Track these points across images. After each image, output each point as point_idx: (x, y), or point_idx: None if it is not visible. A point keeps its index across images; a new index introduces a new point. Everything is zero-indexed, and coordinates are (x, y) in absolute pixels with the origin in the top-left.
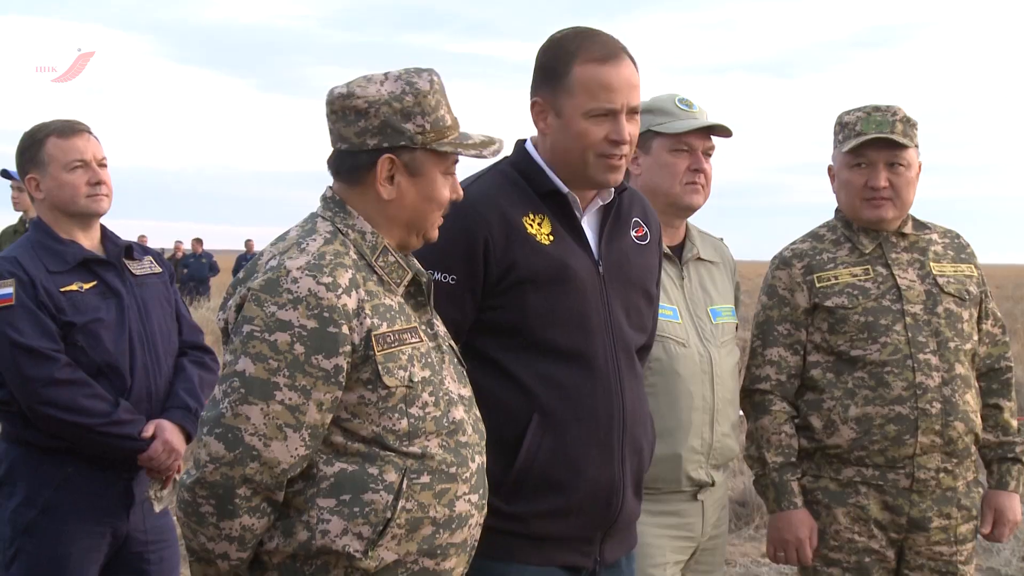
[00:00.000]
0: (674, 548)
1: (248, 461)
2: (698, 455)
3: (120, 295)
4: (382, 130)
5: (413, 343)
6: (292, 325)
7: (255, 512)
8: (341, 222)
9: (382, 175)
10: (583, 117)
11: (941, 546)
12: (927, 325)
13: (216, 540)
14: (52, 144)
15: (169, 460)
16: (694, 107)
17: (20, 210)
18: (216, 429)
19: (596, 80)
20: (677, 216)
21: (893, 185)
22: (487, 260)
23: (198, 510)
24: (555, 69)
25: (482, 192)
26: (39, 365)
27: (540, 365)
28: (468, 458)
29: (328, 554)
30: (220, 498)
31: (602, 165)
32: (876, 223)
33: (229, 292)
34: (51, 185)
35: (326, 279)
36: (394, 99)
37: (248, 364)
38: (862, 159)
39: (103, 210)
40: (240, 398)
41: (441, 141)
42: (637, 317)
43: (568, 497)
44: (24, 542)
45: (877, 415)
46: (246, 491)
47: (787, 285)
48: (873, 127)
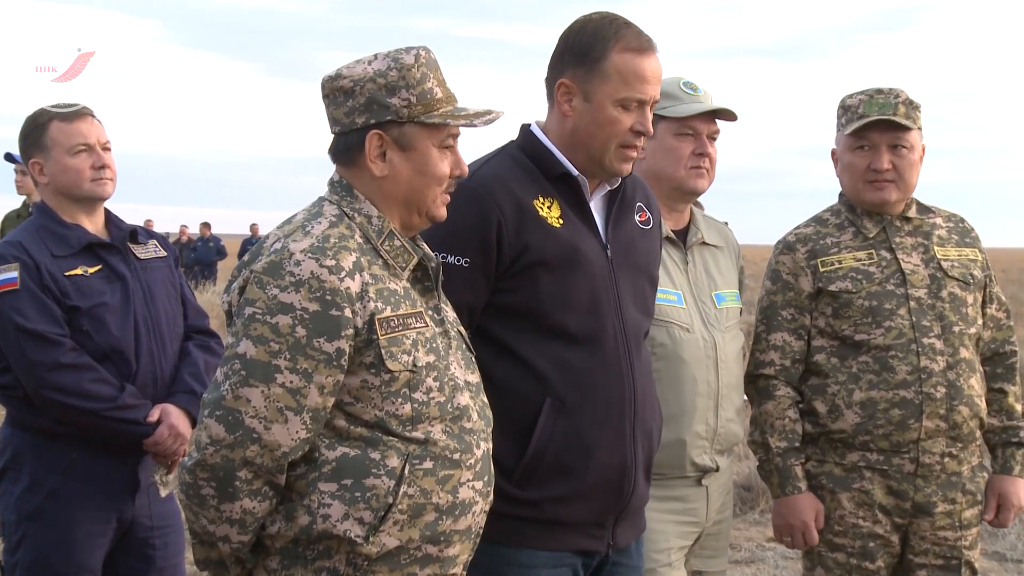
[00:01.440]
0: (679, 533)
1: (248, 444)
2: (703, 440)
3: (125, 279)
4: (368, 107)
5: (418, 328)
6: (294, 308)
7: (256, 495)
8: (348, 206)
9: (372, 152)
10: (613, 104)
11: (946, 531)
12: (931, 309)
13: (217, 523)
14: (55, 128)
15: (175, 445)
16: (699, 91)
17: (24, 194)
18: (216, 411)
19: (633, 69)
20: (681, 200)
21: (896, 167)
22: (500, 242)
23: (199, 492)
24: (590, 53)
25: (493, 175)
26: (44, 350)
27: (552, 349)
28: (473, 444)
29: (329, 539)
30: (221, 480)
31: (620, 155)
32: (879, 206)
33: (234, 275)
34: (55, 169)
35: (329, 262)
36: (379, 75)
37: (249, 346)
38: (865, 141)
39: (107, 194)
40: (241, 380)
41: (431, 114)
42: (643, 301)
43: (581, 481)
44: (30, 527)
45: (881, 399)
46: (247, 474)
47: (791, 270)
48: (875, 109)
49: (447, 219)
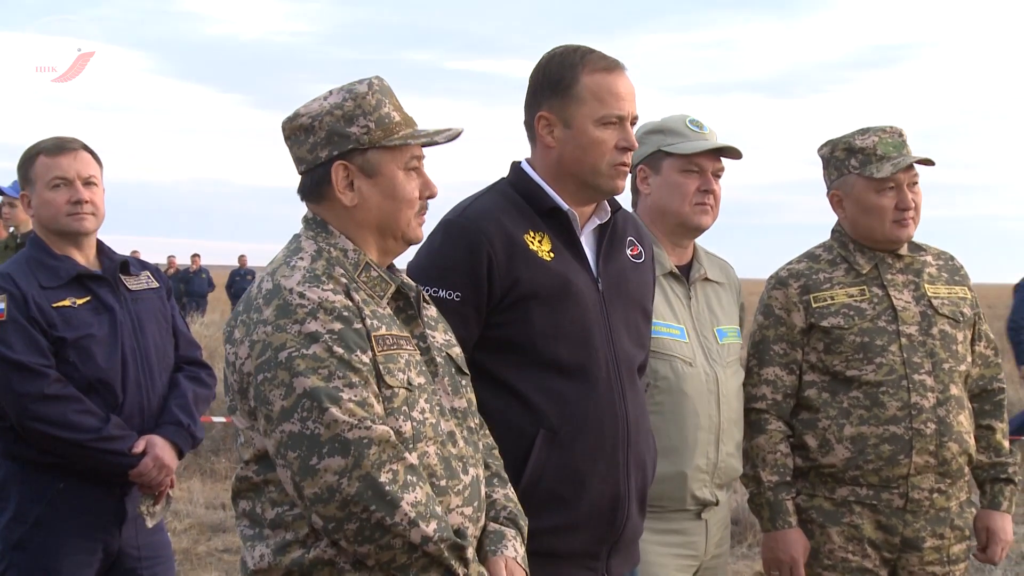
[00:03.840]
0: (678, 567)
1: (366, 450)
2: (703, 474)
3: (113, 310)
4: (329, 139)
5: (408, 350)
6: (321, 334)
7: (408, 486)
8: (324, 241)
9: (339, 183)
10: (594, 125)
11: (934, 566)
12: (922, 346)
13: (411, 533)
14: (40, 162)
15: (160, 476)
16: (705, 128)
17: (12, 225)
18: (323, 450)
19: (605, 87)
20: (685, 236)
21: (915, 204)
22: (491, 277)
23: (371, 528)
24: (561, 80)
25: (483, 210)
26: (29, 381)
27: (545, 381)
28: (459, 470)
29: (322, 568)
30: (375, 499)
31: (613, 172)
32: (903, 242)
33: (231, 324)
34: (37, 203)
35: (328, 286)
36: (335, 108)
37: (305, 381)
38: (891, 182)
39: (86, 229)
40: (319, 410)
41: (391, 137)
42: (636, 334)
43: (574, 512)
44: (15, 557)
45: (872, 435)
46: (388, 474)
47: (783, 305)
48: (893, 149)
49: (438, 254)
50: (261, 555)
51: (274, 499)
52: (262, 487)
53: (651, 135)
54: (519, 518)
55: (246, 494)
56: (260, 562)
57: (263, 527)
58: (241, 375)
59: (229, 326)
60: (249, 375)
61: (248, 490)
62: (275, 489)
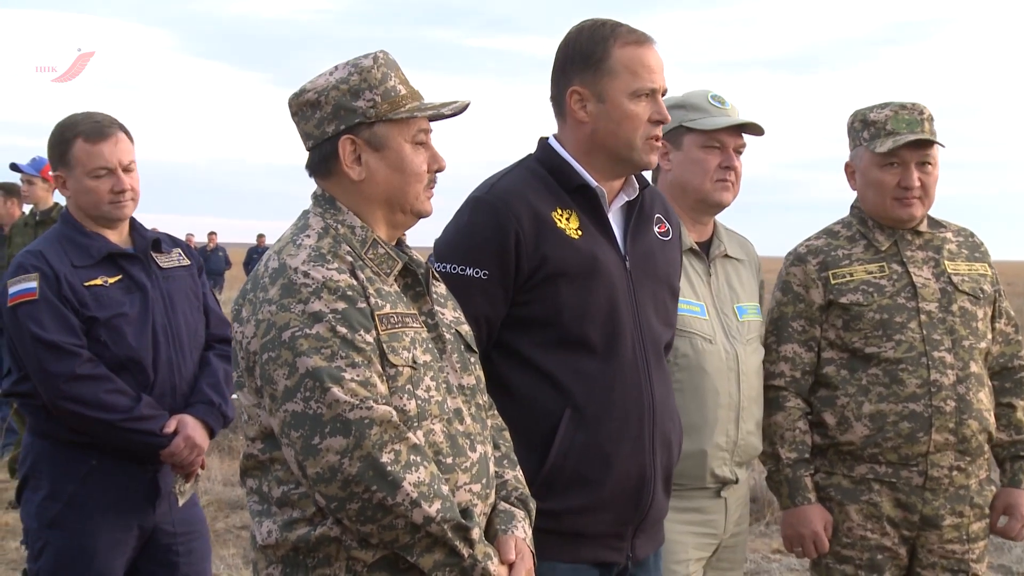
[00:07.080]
0: (697, 545)
1: (367, 431)
2: (723, 452)
3: (145, 289)
4: (336, 114)
5: (415, 327)
6: (325, 313)
7: (411, 466)
8: (331, 218)
9: (347, 157)
10: (628, 98)
11: (953, 544)
12: (942, 323)
13: (413, 513)
14: (79, 148)
15: (191, 455)
16: (727, 104)
17: (30, 202)
18: (325, 429)
19: (637, 60)
20: (706, 213)
21: (923, 184)
22: (519, 254)
23: (372, 508)
24: (593, 54)
25: (511, 187)
26: (61, 360)
27: (571, 360)
28: (467, 447)
29: (328, 545)
30: (377, 479)
31: (648, 146)
32: (905, 222)
33: (239, 303)
34: (76, 188)
35: (332, 265)
36: (341, 82)
37: (307, 360)
38: (895, 159)
39: (125, 216)
40: (321, 390)
41: (397, 110)
42: (663, 312)
43: (600, 492)
44: (50, 535)
45: (891, 412)
46: (389, 454)
47: (802, 281)
48: (904, 126)
49: (466, 232)
50: (269, 531)
51: (280, 477)
52: (268, 465)
53: (673, 110)
54: (529, 500)
55: (253, 472)
56: (268, 538)
57: (270, 504)
58: (248, 354)
59: (237, 304)
60: (255, 354)
61: (255, 468)
62: (281, 468)
